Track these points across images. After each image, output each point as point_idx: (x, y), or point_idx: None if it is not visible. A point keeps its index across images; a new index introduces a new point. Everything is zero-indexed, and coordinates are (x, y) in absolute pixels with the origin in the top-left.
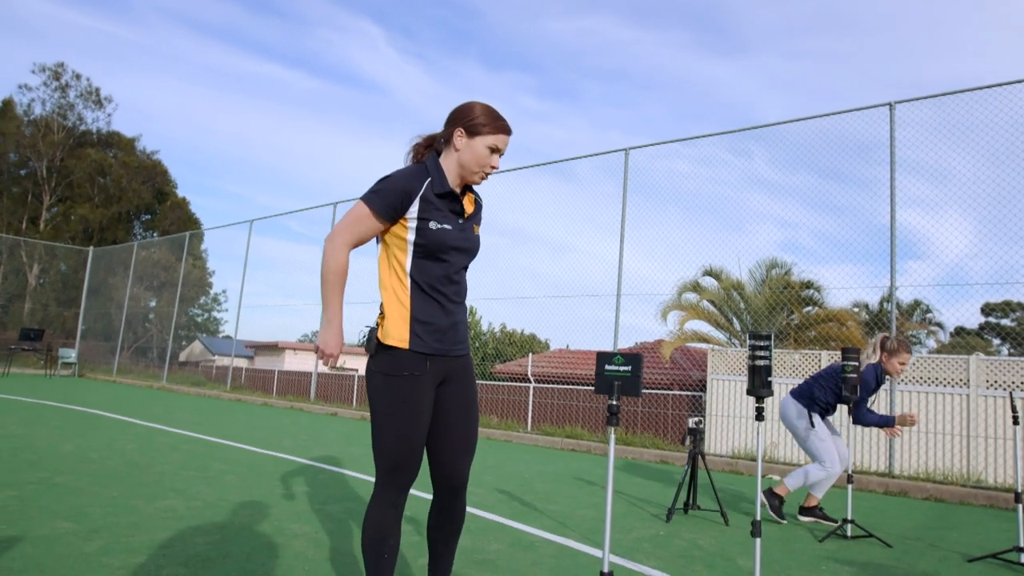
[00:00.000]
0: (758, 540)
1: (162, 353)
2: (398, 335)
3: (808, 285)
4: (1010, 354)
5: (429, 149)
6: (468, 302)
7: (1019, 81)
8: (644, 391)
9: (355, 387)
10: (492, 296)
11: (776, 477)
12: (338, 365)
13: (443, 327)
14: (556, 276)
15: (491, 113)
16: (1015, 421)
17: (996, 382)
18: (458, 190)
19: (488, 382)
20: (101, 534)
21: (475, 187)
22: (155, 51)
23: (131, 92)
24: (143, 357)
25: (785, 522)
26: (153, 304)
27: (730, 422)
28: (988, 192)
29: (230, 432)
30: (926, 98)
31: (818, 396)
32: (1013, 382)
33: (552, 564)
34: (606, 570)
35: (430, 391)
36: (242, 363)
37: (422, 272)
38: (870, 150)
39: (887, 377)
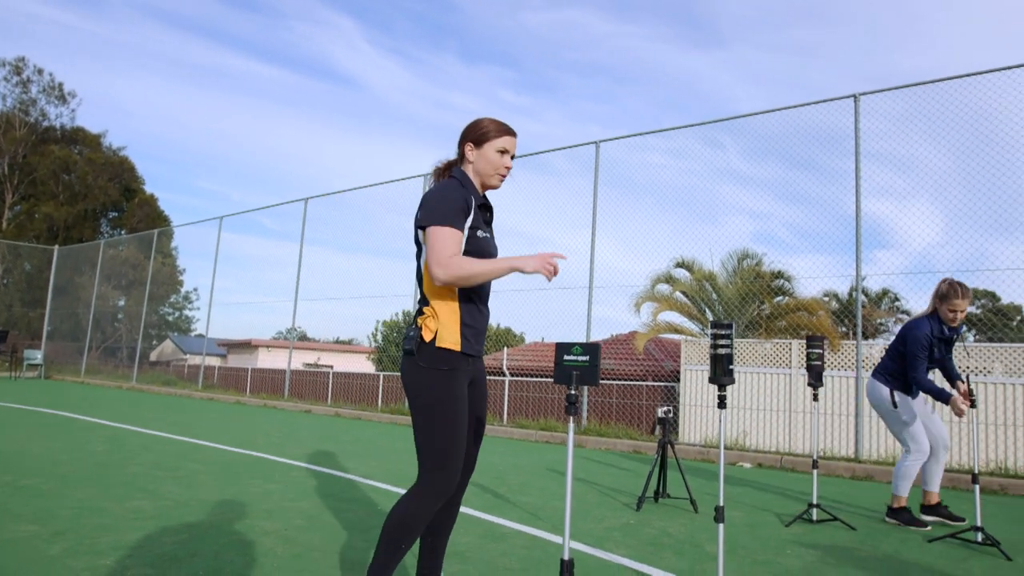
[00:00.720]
0: (721, 526)
1: (132, 353)
2: (451, 338)
3: (779, 275)
4: (976, 340)
5: (448, 172)
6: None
7: (981, 72)
8: (618, 382)
9: (329, 384)
10: None
11: (747, 465)
12: (315, 361)
13: (481, 329)
14: None
15: (494, 121)
16: (971, 404)
17: (960, 367)
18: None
19: None
20: (66, 536)
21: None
22: (121, 44)
23: (96, 86)
24: (112, 357)
25: (929, 528)
26: (122, 303)
27: (703, 411)
28: (955, 182)
29: (202, 431)
30: (890, 89)
31: (892, 368)
32: (976, 367)
33: (522, 555)
34: (566, 557)
35: (467, 391)
36: (215, 361)
37: None
38: (840, 141)
39: (947, 330)
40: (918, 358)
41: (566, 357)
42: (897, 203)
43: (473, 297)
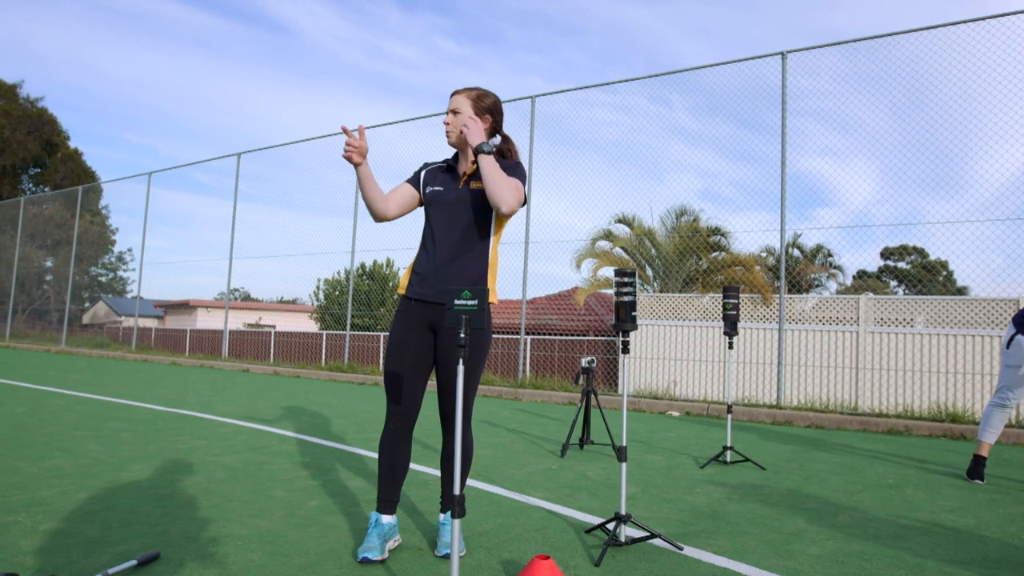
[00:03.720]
0: (624, 465)
1: (62, 316)
2: (403, 284)
3: (716, 231)
4: (905, 294)
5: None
6: (386, 253)
7: (912, 30)
8: (560, 337)
9: (272, 344)
10: (408, 246)
11: (675, 413)
12: (257, 321)
13: (424, 275)
14: None
15: None
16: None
17: (884, 319)
18: (462, 165)
19: None
20: None
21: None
22: None
23: (7, 32)
24: (40, 320)
25: (984, 483)
26: (49, 264)
27: (639, 363)
28: (891, 140)
29: (130, 392)
30: (817, 47)
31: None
32: (899, 319)
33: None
34: (458, 493)
35: (417, 332)
36: (151, 323)
37: (426, 229)
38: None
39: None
40: None
41: (457, 301)
42: (837, 161)
43: (425, 243)
